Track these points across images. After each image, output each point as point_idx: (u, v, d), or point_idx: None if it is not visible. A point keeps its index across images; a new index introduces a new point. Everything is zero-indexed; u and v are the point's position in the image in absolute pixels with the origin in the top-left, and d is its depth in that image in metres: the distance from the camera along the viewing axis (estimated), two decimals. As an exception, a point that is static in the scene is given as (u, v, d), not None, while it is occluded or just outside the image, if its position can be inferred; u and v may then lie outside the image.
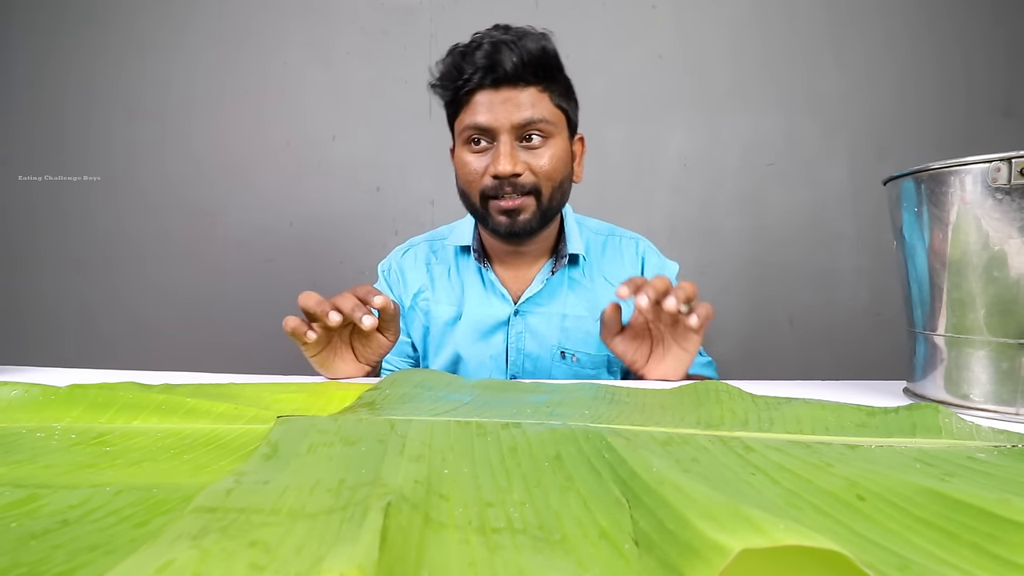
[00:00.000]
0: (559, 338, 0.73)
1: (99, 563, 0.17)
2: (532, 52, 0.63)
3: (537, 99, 0.64)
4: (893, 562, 0.18)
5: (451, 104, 0.67)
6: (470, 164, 0.66)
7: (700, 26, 1.30)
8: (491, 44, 0.63)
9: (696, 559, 0.16)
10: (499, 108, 0.63)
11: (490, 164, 0.65)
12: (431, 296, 0.77)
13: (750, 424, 0.34)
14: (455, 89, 0.65)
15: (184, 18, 1.31)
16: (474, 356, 0.74)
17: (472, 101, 0.65)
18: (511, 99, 0.63)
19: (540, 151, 0.65)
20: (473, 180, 0.67)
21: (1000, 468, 0.26)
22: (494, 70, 0.63)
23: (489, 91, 0.64)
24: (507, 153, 0.63)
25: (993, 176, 0.39)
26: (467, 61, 0.64)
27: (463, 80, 0.64)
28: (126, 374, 0.48)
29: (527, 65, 0.63)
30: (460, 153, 0.68)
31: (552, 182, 0.66)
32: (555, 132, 0.66)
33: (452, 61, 0.65)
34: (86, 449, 0.29)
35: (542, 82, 0.65)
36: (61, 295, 1.34)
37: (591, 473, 0.25)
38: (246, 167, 1.32)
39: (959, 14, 1.28)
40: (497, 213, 0.67)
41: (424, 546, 0.18)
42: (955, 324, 0.43)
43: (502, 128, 0.63)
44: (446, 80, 0.66)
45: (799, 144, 1.30)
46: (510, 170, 0.63)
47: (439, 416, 0.34)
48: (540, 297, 0.74)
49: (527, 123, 0.64)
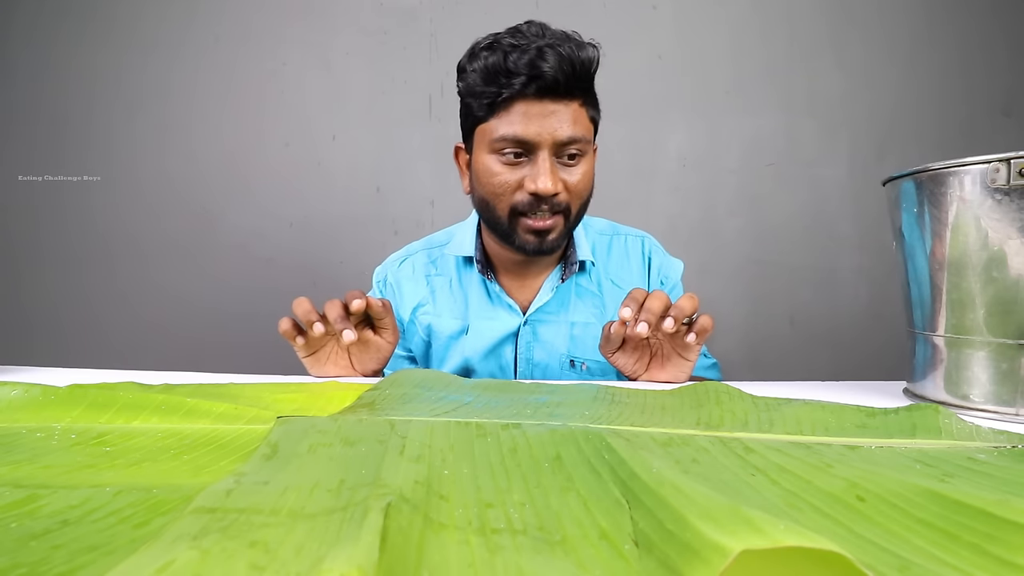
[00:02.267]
0: (568, 346, 0.71)
1: (99, 563, 0.17)
2: (584, 64, 0.59)
3: (578, 115, 0.60)
4: (893, 563, 0.18)
5: (484, 107, 0.61)
6: (500, 176, 0.62)
7: (700, 26, 1.30)
8: (537, 49, 0.57)
9: (696, 560, 0.16)
10: (542, 122, 0.59)
11: (527, 179, 0.61)
12: (432, 310, 0.74)
13: (750, 425, 0.34)
14: (493, 94, 0.59)
15: (184, 18, 1.31)
16: (482, 369, 0.72)
17: (510, 109, 0.59)
18: (555, 114, 0.59)
19: (575, 169, 0.62)
20: (503, 193, 0.62)
21: (1000, 469, 0.26)
22: (541, 79, 0.57)
23: (531, 101, 0.59)
24: (548, 171, 0.59)
25: (992, 176, 0.39)
26: (511, 64, 0.58)
27: (504, 85, 0.58)
28: (126, 374, 0.48)
29: (576, 78, 0.59)
30: (486, 162, 0.62)
31: (581, 199, 0.65)
32: (589, 149, 0.63)
33: (495, 61, 0.58)
34: (86, 449, 0.29)
35: (584, 96, 0.61)
36: (61, 295, 1.34)
37: (591, 474, 0.25)
38: (246, 167, 1.32)
39: (959, 14, 1.28)
40: (525, 232, 0.63)
41: (424, 547, 0.18)
42: (955, 324, 0.43)
43: (544, 144, 0.59)
44: (483, 81, 0.60)
45: (799, 144, 1.30)
46: (553, 189, 0.60)
47: (439, 417, 0.34)
48: (549, 306, 0.72)
49: (569, 141, 0.60)
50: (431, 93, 1.31)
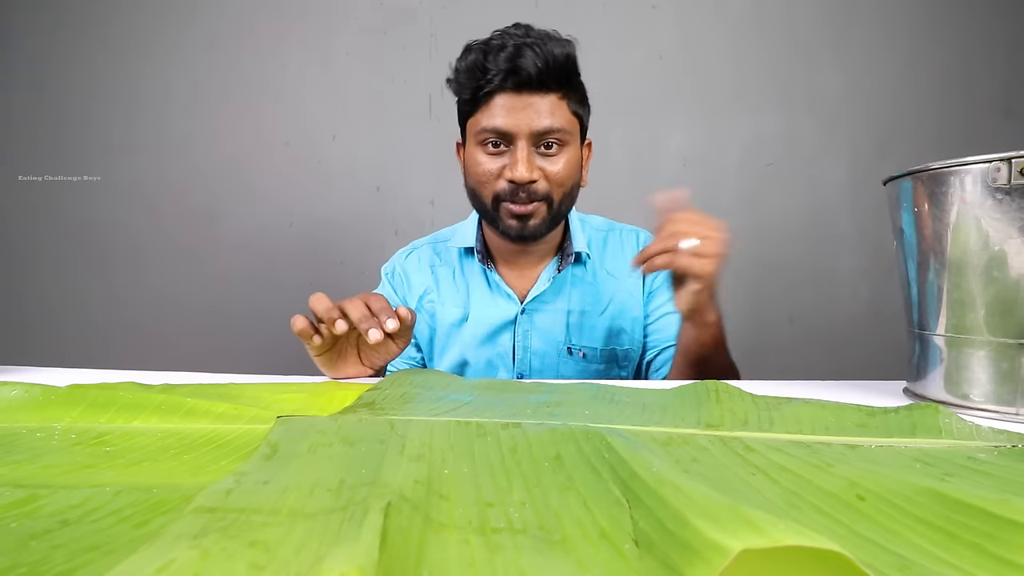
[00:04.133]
0: (565, 334, 0.74)
1: (99, 563, 0.17)
2: (557, 59, 0.62)
3: (556, 107, 0.64)
4: (893, 562, 0.18)
5: (467, 102, 0.66)
6: (483, 165, 0.66)
7: (700, 26, 1.30)
8: (515, 47, 0.62)
9: (696, 559, 0.16)
10: (519, 114, 0.63)
11: (506, 168, 0.65)
12: (436, 298, 0.77)
13: (750, 424, 0.34)
14: (474, 89, 0.64)
15: (184, 18, 1.31)
16: (481, 356, 0.75)
17: (491, 103, 0.64)
18: (532, 105, 0.63)
19: (555, 158, 0.66)
20: (486, 181, 0.67)
21: (1000, 468, 0.26)
22: (517, 74, 0.62)
23: (510, 94, 0.63)
24: (524, 160, 0.64)
25: (993, 176, 0.39)
26: (490, 61, 0.63)
27: (484, 80, 0.63)
28: (126, 374, 0.48)
29: (550, 72, 0.62)
30: (473, 153, 0.67)
31: (563, 188, 0.67)
32: (570, 140, 0.66)
33: (474, 60, 0.64)
34: (86, 449, 0.29)
35: (562, 89, 0.64)
36: (61, 295, 1.34)
37: (591, 473, 0.25)
38: (246, 167, 1.32)
39: (959, 14, 1.28)
40: (508, 217, 0.67)
41: (424, 546, 0.18)
42: (955, 324, 0.43)
43: (521, 134, 0.63)
44: (466, 78, 0.65)
45: (799, 144, 1.30)
46: (528, 177, 0.64)
47: (439, 416, 0.34)
48: (546, 295, 0.74)
49: (546, 131, 0.64)
50: (431, 93, 1.31)
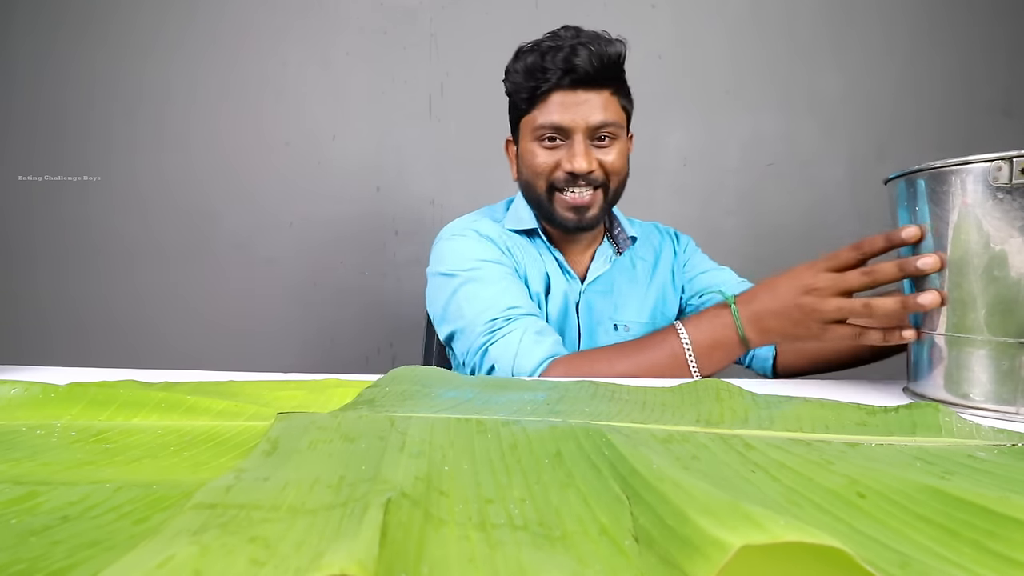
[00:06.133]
0: (611, 312, 0.79)
1: (99, 559, 0.17)
2: (611, 57, 0.68)
3: (608, 102, 0.70)
4: (893, 559, 0.18)
5: (524, 101, 0.71)
6: (540, 157, 0.71)
7: (700, 26, 1.30)
8: (571, 47, 0.67)
9: (696, 555, 0.16)
10: (576, 109, 0.68)
11: (563, 160, 0.70)
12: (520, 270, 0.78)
13: (750, 422, 0.34)
14: (532, 88, 0.69)
15: (184, 18, 1.31)
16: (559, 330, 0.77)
17: (548, 100, 0.69)
18: (587, 101, 0.68)
19: (608, 149, 0.71)
20: (543, 173, 0.72)
21: (1000, 466, 0.26)
22: (574, 72, 0.67)
23: (566, 92, 0.68)
24: (583, 152, 0.69)
25: (994, 175, 0.39)
26: (547, 61, 0.67)
27: (543, 80, 0.68)
28: (126, 372, 0.48)
29: (604, 69, 0.68)
30: (529, 147, 0.72)
31: (618, 177, 0.73)
32: (620, 132, 0.72)
33: (533, 61, 0.69)
34: (86, 446, 0.29)
35: (613, 85, 0.70)
36: (60, 295, 1.34)
37: (591, 470, 0.25)
38: (246, 167, 1.32)
39: (959, 14, 1.29)
40: (564, 209, 0.72)
41: (424, 542, 0.18)
42: (955, 324, 0.43)
43: (578, 128, 0.69)
44: (524, 78, 0.70)
45: (798, 144, 1.30)
46: (586, 168, 0.69)
47: (439, 413, 0.34)
48: (604, 276, 0.80)
49: (600, 125, 0.69)
50: (431, 93, 1.31)
